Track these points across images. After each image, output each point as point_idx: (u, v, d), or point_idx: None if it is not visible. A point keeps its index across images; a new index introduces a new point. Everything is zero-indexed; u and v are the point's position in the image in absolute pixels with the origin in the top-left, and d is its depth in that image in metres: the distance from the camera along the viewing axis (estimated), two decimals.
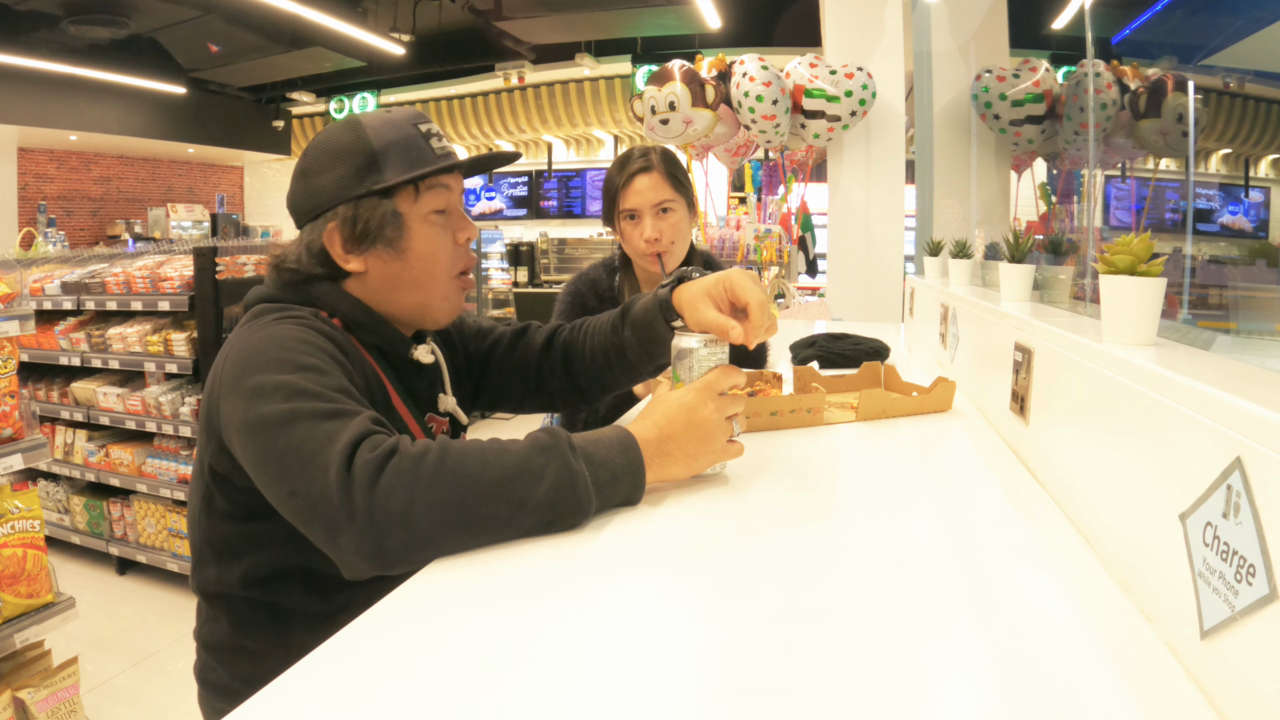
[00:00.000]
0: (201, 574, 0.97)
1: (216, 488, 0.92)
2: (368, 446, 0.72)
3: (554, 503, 0.75)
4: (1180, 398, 0.58)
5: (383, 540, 0.70)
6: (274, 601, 0.93)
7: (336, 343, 0.90)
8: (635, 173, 1.63)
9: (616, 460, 0.81)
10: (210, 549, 0.95)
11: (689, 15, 6.80)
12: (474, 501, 0.72)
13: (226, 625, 0.97)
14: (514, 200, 10.31)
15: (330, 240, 0.96)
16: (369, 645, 0.58)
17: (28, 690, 1.76)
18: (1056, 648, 0.57)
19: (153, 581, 3.32)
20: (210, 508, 0.94)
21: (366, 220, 0.94)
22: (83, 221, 9.69)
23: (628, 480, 0.82)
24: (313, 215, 0.97)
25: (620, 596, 0.67)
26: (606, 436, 0.83)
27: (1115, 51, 2.09)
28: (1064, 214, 3.02)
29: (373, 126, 0.96)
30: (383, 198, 0.95)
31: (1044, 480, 0.96)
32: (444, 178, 0.99)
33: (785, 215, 4.49)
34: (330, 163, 0.96)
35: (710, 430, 0.87)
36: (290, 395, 0.77)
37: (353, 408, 0.78)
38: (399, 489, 0.70)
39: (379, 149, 0.94)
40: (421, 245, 0.97)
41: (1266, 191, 2.23)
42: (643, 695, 0.52)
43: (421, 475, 0.71)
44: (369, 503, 0.70)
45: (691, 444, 0.87)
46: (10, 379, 1.79)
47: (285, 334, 0.86)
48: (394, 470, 0.71)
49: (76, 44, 7.38)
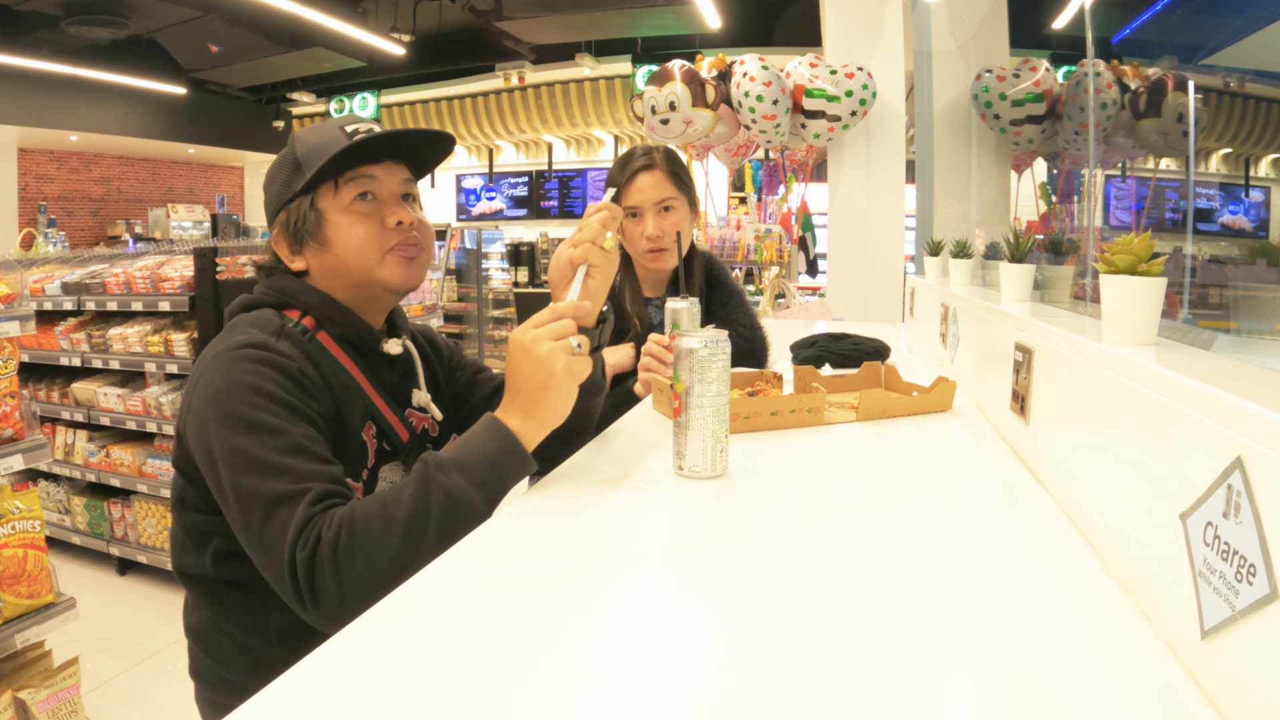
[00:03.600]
0: (182, 559, 1.04)
1: (191, 486, 1.00)
2: (301, 544, 0.82)
3: (448, 525, 0.83)
4: (1181, 397, 0.58)
5: (329, 615, 0.81)
6: (249, 581, 0.97)
7: (293, 376, 0.94)
8: (638, 170, 1.63)
9: (489, 448, 0.88)
10: (187, 536, 1.03)
11: (689, 15, 6.80)
12: (386, 559, 0.81)
13: (207, 610, 1.03)
14: (514, 200, 10.31)
15: (278, 245, 1.06)
16: (369, 645, 0.58)
17: (28, 690, 1.76)
18: (1057, 648, 0.57)
19: (153, 582, 3.32)
20: (184, 501, 1.02)
21: (295, 221, 1.03)
22: (83, 222, 9.69)
23: (509, 459, 0.88)
24: (270, 226, 1.08)
25: (620, 596, 0.67)
26: (476, 431, 0.90)
27: (1115, 51, 2.09)
28: (1064, 214, 3.02)
29: (301, 137, 1.05)
30: (304, 195, 1.02)
31: (1044, 480, 0.96)
32: (368, 168, 1.03)
33: (785, 215, 4.49)
34: (272, 177, 1.07)
35: (547, 363, 0.89)
36: (244, 467, 0.87)
37: (293, 485, 0.85)
38: (327, 581, 0.81)
39: (301, 155, 1.02)
40: (340, 234, 1.03)
41: (1266, 191, 2.23)
42: (643, 695, 0.52)
43: (340, 560, 0.81)
44: (314, 598, 0.82)
45: (539, 383, 0.89)
46: (11, 379, 1.79)
47: (243, 381, 0.91)
48: (320, 564, 0.81)
49: (76, 44, 7.38)
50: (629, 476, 0.99)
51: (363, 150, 1.01)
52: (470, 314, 7.88)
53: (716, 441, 0.95)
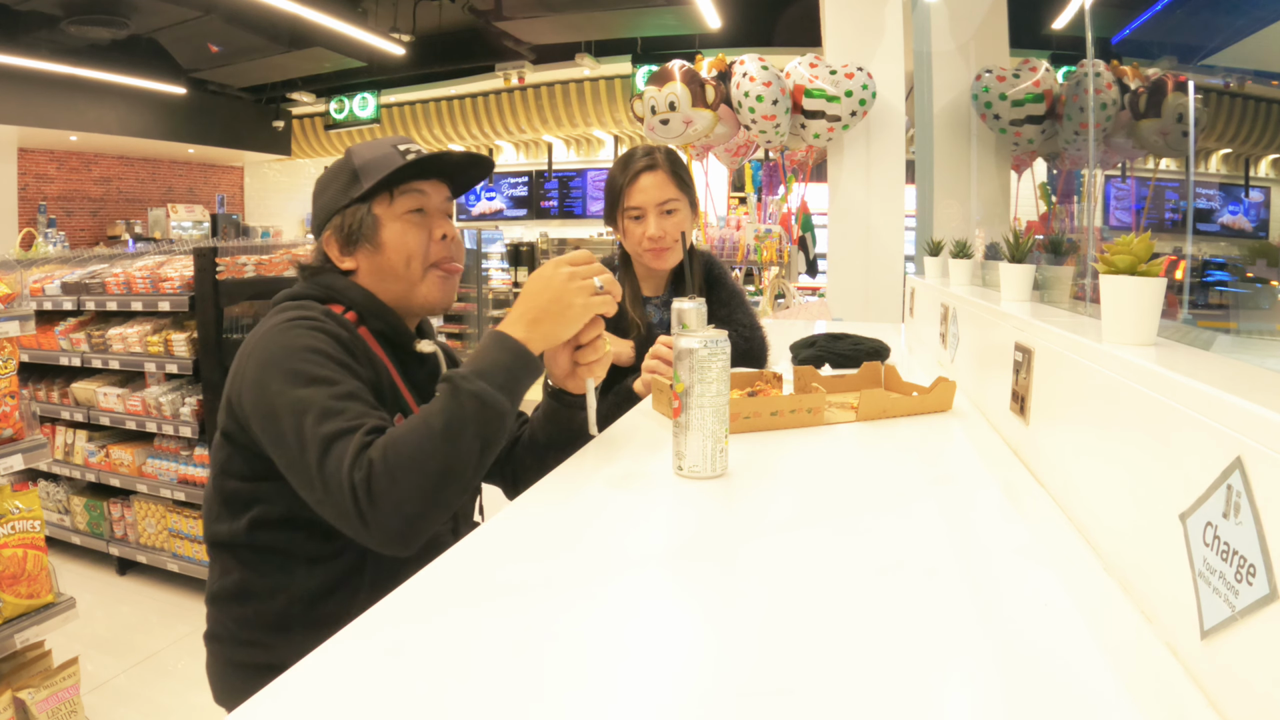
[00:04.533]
0: (214, 528, 1.11)
1: (238, 454, 1.07)
2: (356, 468, 0.88)
3: (483, 427, 0.90)
4: (1180, 398, 0.58)
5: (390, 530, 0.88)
6: (280, 546, 1.08)
7: (344, 343, 1.04)
8: (640, 171, 1.63)
9: (502, 359, 0.96)
10: (224, 505, 1.10)
11: (689, 15, 6.80)
12: (434, 465, 0.88)
13: (237, 574, 1.10)
14: (514, 200, 10.31)
15: (329, 245, 1.17)
16: (369, 645, 0.58)
17: (28, 690, 1.76)
18: (1057, 648, 0.57)
19: (153, 582, 3.32)
20: (226, 470, 1.09)
21: (350, 225, 1.15)
22: (83, 222, 9.69)
23: (520, 364, 0.96)
24: (319, 228, 1.19)
25: (620, 596, 0.67)
26: (485, 346, 0.98)
27: (1115, 51, 2.09)
28: (1064, 214, 3.02)
29: (356, 151, 1.18)
30: (361, 203, 1.15)
31: (1044, 480, 0.96)
32: (419, 184, 1.17)
33: (785, 215, 4.49)
34: (327, 184, 1.19)
35: (566, 291, 0.99)
36: (304, 413, 0.93)
37: (350, 423, 0.92)
38: (382, 496, 0.87)
39: (359, 166, 1.15)
40: (394, 238, 1.15)
41: (1266, 191, 2.23)
42: (643, 695, 0.52)
43: (392, 475, 0.87)
44: (374, 514, 0.87)
45: (555, 307, 0.99)
46: (10, 379, 1.79)
47: (299, 343, 1.00)
48: (375, 479, 0.87)
49: (76, 44, 7.38)
50: (629, 476, 0.99)
51: (416, 168, 1.15)
52: (470, 314, 7.89)
53: (716, 441, 0.95)
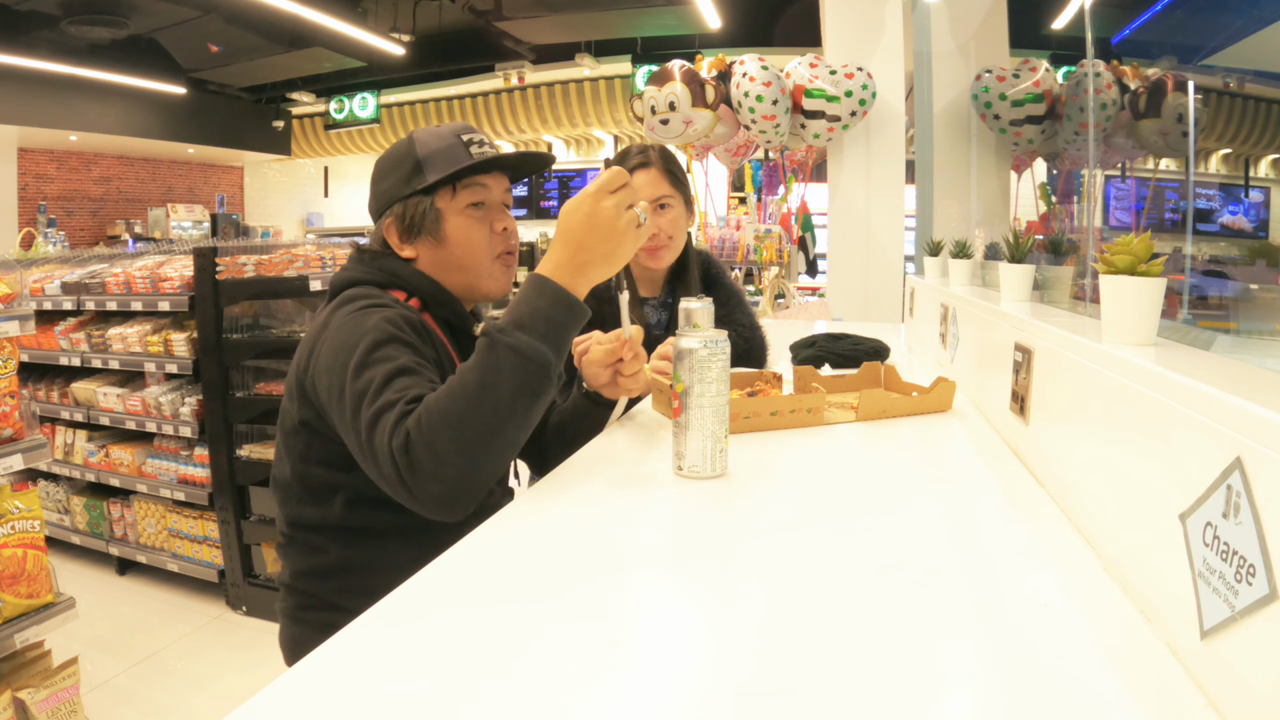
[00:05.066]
0: (302, 515, 1.12)
1: (317, 442, 1.08)
2: (395, 434, 0.86)
3: (523, 381, 0.87)
4: (1180, 398, 0.58)
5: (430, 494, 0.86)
6: (375, 525, 1.09)
7: (414, 325, 1.06)
8: (634, 168, 1.63)
9: (542, 305, 0.91)
10: (308, 493, 1.11)
11: (689, 15, 6.80)
12: (470, 425, 0.85)
13: (334, 549, 1.11)
14: (514, 200, 10.32)
15: (389, 232, 1.17)
16: (369, 645, 0.58)
17: (28, 690, 1.76)
18: (1057, 648, 0.57)
19: (153, 581, 3.32)
20: (307, 458, 1.10)
21: (412, 215, 1.15)
22: (83, 222, 9.68)
23: (560, 312, 0.91)
24: (378, 214, 1.19)
25: (619, 596, 0.67)
26: (524, 293, 0.93)
27: (1115, 51, 2.09)
28: (1064, 214, 3.02)
29: (420, 139, 1.17)
30: (425, 195, 1.15)
31: (1044, 480, 0.96)
32: (481, 177, 1.17)
33: (785, 215, 4.49)
34: (388, 171, 1.18)
35: (612, 223, 0.93)
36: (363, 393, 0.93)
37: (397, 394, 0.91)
38: (420, 460, 0.84)
39: (423, 157, 1.15)
40: (456, 233, 1.16)
41: (1266, 191, 2.23)
42: (642, 695, 0.52)
43: (426, 437, 0.84)
44: (414, 479, 0.85)
45: (602, 243, 0.93)
46: (10, 379, 1.79)
47: (367, 325, 1.01)
48: (412, 445, 0.85)
49: (76, 44, 7.37)
50: (629, 476, 0.99)
51: (482, 164, 1.15)
52: None
53: (716, 442, 0.95)
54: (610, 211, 0.93)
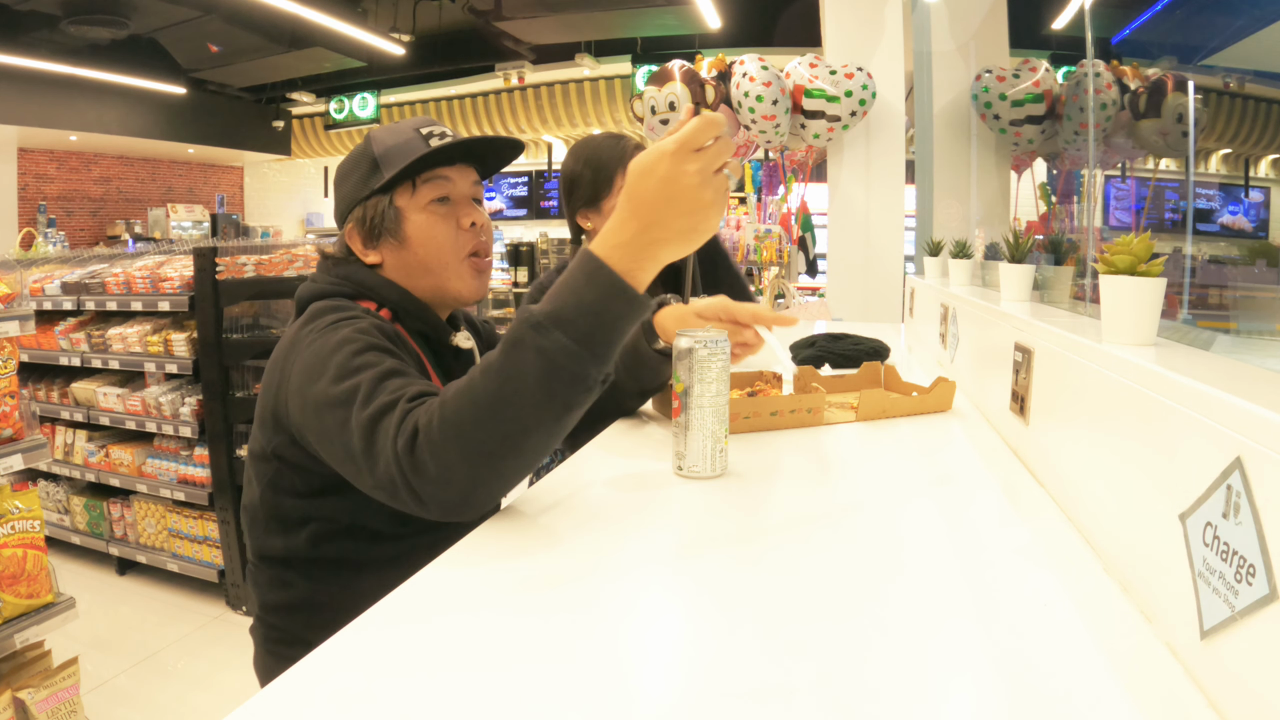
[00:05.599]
0: (268, 545, 1.07)
1: (288, 471, 1.02)
2: (399, 435, 0.79)
3: (550, 393, 0.74)
4: (1180, 398, 0.58)
5: (436, 500, 0.78)
6: (344, 556, 1.03)
7: (388, 333, 0.99)
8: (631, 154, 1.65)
9: (589, 299, 0.74)
10: (277, 522, 1.05)
11: (689, 15, 6.80)
12: (483, 435, 0.75)
13: (301, 584, 1.06)
14: (514, 200, 10.31)
15: (351, 238, 1.10)
16: (366, 648, 0.58)
17: (28, 690, 1.76)
18: (1057, 648, 0.57)
19: (153, 582, 3.32)
20: (276, 487, 1.04)
21: (372, 217, 1.08)
22: (83, 222, 9.68)
23: (614, 307, 0.74)
24: (341, 220, 1.12)
25: (619, 597, 0.67)
26: (571, 277, 0.76)
27: (1115, 51, 2.09)
28: (1064, 214, 3.02)
29: (377, 137, 1.10)
30: (383, 195, 1.07)
31: (1044, 480, 0.96)
32: (443, 170, 1.09)
33: (785, 215, 4.49)
34: (346, 174, 1.11)
35: (696, 192, 0.74)
36: (345, 403, 0.85)
37: (391, 396, 0.83)
38: (426, 464, 0.76)
39: (379, 155, 1.07)
40: (419, 232, 1.08)
41: (1266, 191, 2.23)
42: (643, 695, 0.52)
43: (434, 442, 0.76)
44: (420, 483, 0.77)
45: (681, 217, 0.75)
46: (10, 379, 1.79)
47: (337, 338, 0.94)
48: (418, 449, 0.77)
49: (76, 44, 7.38)
50: (629, 476, 0.99)
51: (438, 155, 1.07)
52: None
53: (716, 441, 0.95)
54: (695, 177, 0.73)
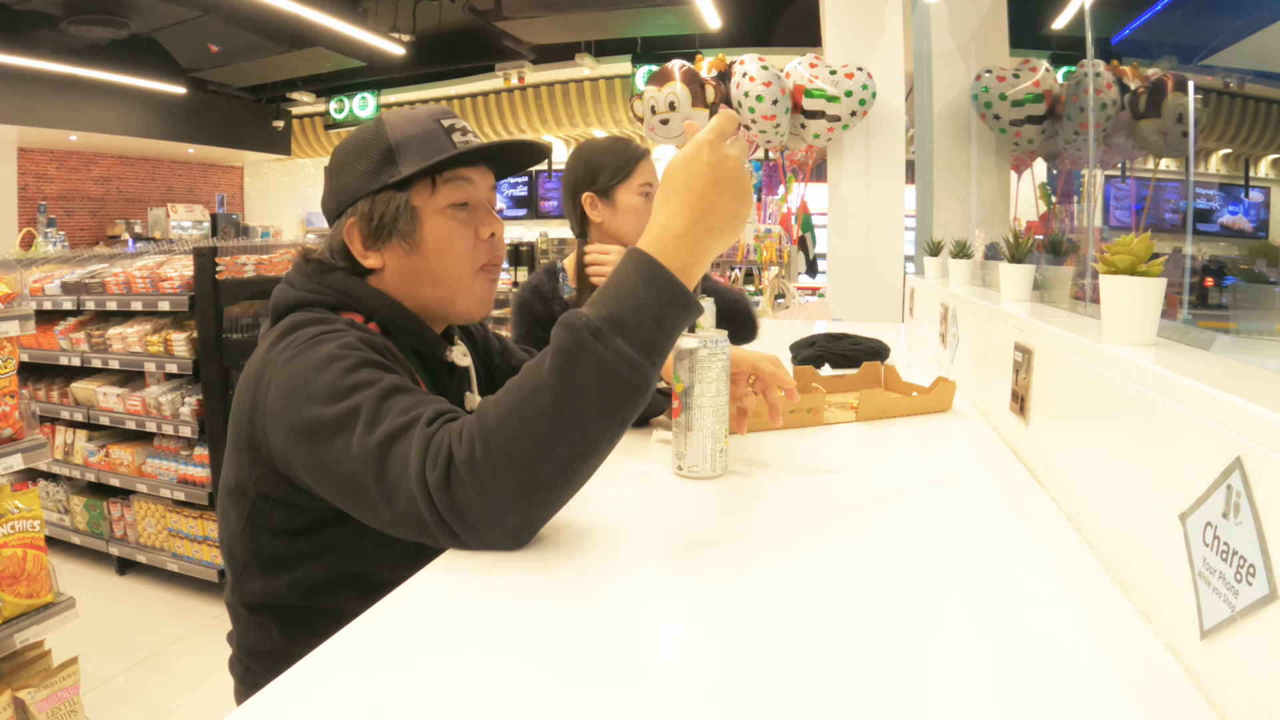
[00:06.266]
0: (245, 588, 0.95)
1: (268, 507, 0.90)
2: (430, 466, 0.70)
3: (614, 406, 0.69)
4: (1180, 398, 0.58)
5: (485, 539, 0.71)
6: (326, 607, 0.91)
7: (376, 346, 0.87)
8: (646, 153, 1.67)
9: (650, 302, 0.70)
10: (256, 563, 0.93)
11: (689, 15, 6.80)
12: (547, 461, 0.68)
13: (276, 633, 0.95)
14: (514, 200, 10.30)
15: (350, 236, 0.96)
16: (369, 645, 0.58)
17: (28, 690, 1.76)
18: (1057, 648, 0.57)
19: (153, 581, 3.32)
20: (255, 525, 0.92)
21: (381, 214, 0.94)
22: (83, 221, 9.69)
23: (673, 309, 0.72)
24: (337, 212, 0.97)
25: (619, 597, 0.67)
26: (626, 278, 0.72)
27: (1115, 51, 2.09)
28: (1064, 214, 3.03)
29: (392, 122, 0.96)
30: (398, 191, 0.94)
31: (1044, 480, 0.96)
32: (465, 171, 0.96)
33: (785, 215, 4.50)
34: (352, 160, 0.96)
35: (740, 176, 0.75)
36: (344, 428, 0.76)
37: (402, 417, 0.75)
38: (472, 502, 0.69)
39: (396, 143, 0.94)
40: (435, 238, 0.95)
41: (1266, 191, 2.24)
42: (643, 695, 0.52)
43: (484, 477, 0.68)
44: (462, 523, 0.70)
45: (730, 202, 0.75)
46: (10, 379, 1.79)
47: (320, 355, 0.82)
48: (457, 483, 0.69)
49: (76, 44, 7.38)
50: (629, 476, 0.99)
51: (473, 155, 0.96)
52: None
53: (716, 441, 0.95)
54: (736, 163, 0.74)
